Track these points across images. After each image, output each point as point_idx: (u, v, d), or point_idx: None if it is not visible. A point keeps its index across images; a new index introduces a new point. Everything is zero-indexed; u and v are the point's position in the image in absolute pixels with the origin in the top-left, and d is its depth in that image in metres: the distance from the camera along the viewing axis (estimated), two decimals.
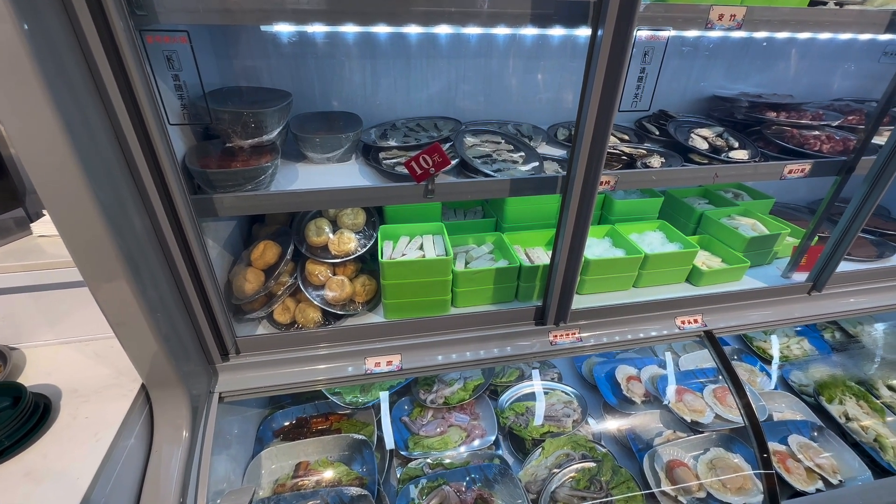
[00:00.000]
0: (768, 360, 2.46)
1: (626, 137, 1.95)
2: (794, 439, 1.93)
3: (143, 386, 1.22)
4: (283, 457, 1.69)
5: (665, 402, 2.06)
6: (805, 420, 2.05)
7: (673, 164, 1.67)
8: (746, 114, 2.00)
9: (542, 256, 1.83)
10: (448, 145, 1.65)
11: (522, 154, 1.68)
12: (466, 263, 1.76)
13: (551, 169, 1.66)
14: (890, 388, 2.24)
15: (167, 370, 1.19)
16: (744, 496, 1.71)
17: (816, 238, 1.88)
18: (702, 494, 1.73)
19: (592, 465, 1.83)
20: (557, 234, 1.45)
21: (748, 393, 1.89)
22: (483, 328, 1.62)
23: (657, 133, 1.96)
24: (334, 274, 1.63)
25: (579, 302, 1.72)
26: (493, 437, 1.92)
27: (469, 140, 1.76)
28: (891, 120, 1.62)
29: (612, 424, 2.07)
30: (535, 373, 2.21)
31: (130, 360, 1.17)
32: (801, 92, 2.24)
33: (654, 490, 1.75)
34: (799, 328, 2.68)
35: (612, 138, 1.91)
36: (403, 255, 1.63)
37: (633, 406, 2.11)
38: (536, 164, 1.63)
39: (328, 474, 1.64)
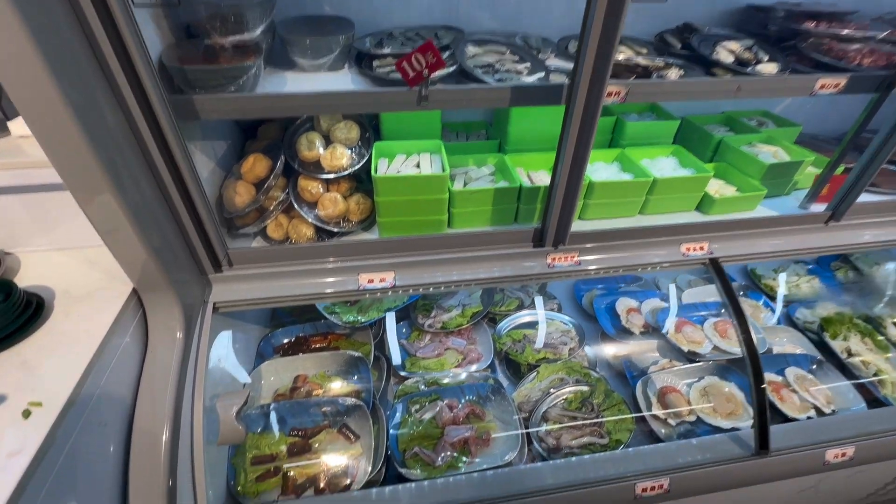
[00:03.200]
0: (775, 298, 2.41)
1: (645, 51, 1.78)
2: (792, 371, 1.93)
3: (134, 290, 1.23)
4: (283, 370, 1.74)
5: (664, 333, 2.05)
6: (805, 354, 2.04)
7: (692, 76, 1.53)
8: (782, 25, 1.80)
9: (545, 180, 1.74)
10: (448, 53, 1.53)
11: (528, 65, 1.55)
12: (465, 184, 1.69)
13: (559, 82, 1.53)
14: None
15: (157, 277, 1.19)
16: (733, 420, 1.74)
17: (842, 167, 1.75)
18: (692, 419, 1.76)
19: (585, 388, 1.86)
20: (559, 150, 1.36)
21: (749, 323, 1.87)
22: (479, 248, 1.58)
23: (680, 47, 1.78)
24: (327, 191, 1.58)
25: (582, 227, 1.66)
26: (489, 361, 1.95)
27: (471, 49, 1.62)
28: None
29: (609, 353, 2.09)
30: (539, 300, 2.20)
31: (121, 266, 1.17)
32: (848, 1, 2.00)
33: (645, 413, 1.78)
34: (811, 266, 2.61)
35: (627, 51, 1.75)
36: (398, 172, 1.57)
37: (631, 337, 2.11)
38: (542, 74, 1.50)
39: (326, 387, 1.69)
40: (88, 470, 1.00)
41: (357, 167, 1.59)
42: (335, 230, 1.58)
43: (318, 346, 1.87)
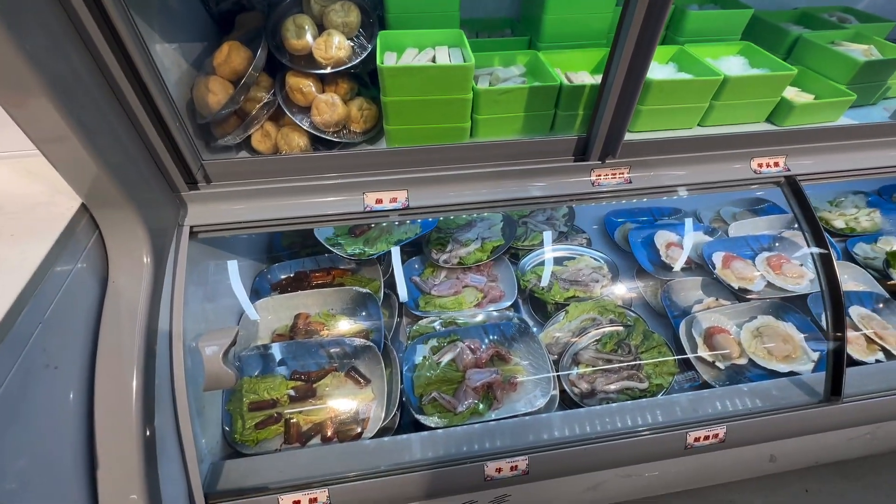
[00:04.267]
0: (832, 233, 2.15)
1: None
2: (856, 310, 1.71)
3: (83, 207, 0.98)
4: (281, 309, 1.54)
5: (711, 269, 1.81)
6: (870, 291, 1.80)
7: None
8: None
9: (587, 82, 1.43)
10: None
11: None
12: (491, 86, 1.38)
13: None
14: None
15: (112, 192, 0.94)
16: (790, 364, 1.54)
17: None
18: (743, 361, 1.56)
19: (621, 329, 1.66)
20: (618, 35, 1.05)
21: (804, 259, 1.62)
22: (509, 162, 1.30)
23: None
24: (323, 92, 1.29)
25: (631, 137, 1.37)
26: (512, 300, 1.74)
27: None
28: None
29: (646, 290, 1.86)
30: (547, 234, 1.94)
31: (67, 182, 0.92)
32: None
33: (690, 355, 1.58)
34: (871, 197, 2.32)
35: None
36: None
37: (671, 273, 1.88)
38: None
39: (330, 326, 1.49)
40: (40, 420, 0.81)
41: (359, 61, 1.28)
42: (334, 139, 1.30)
43: (320, 282, 1.66)
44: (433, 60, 1.30)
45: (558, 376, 1.50)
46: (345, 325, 1.50)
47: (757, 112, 1.48)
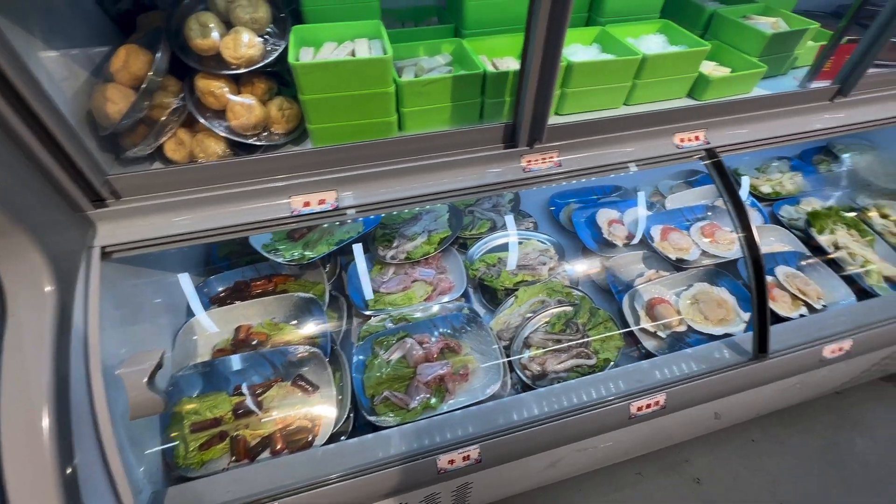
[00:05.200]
0: (759, 197, 2.28)
1: None
2: (781, 270, 1.82)
3: None
4: (220, 322, 1.48)
5: (650, 242, 1.88)
6: (793, 251, 1.93)
7: None
8: None
9: (513, 67, 1.42)
10: None
11: None
12: (417, 76, 1.35)
13: None
14: (883, 215, 2.11)
15: None
16: (725, 327, 1.63)
17: (845, 39, 1.51)
18: (682, 328, 1.64)
19: (569, 308, 1.70)
20: (529, 21, 1.04)
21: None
22: (440, 154, 1.29)
23: None
24: (238, 93, 1.22)
25: (559, 121, 1.39)
26: (462, 290, 1.74)
27: None
28: None
29: (592, 269, 1.91)
30: (510, 219, 1.96)
31: None
32: None
33: (633, 328, 1.64)
34: (794, 161, 2.47)
35: None
36: None
37: (614, 249, 1.94)
38: None
39: (274, 336, 1.45)
40: None
41: (274, 58, 1.22)
42: (255, 143, 1.24)
43: (261, 290, 1.60)
44: (353, 54, 1.26)
45: (509, 361, 1.52)
46: (289, 334, 1.46)
47: (678, 88, 1.53)
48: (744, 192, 2.15)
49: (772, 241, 2.00)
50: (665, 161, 1.41)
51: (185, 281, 1.49)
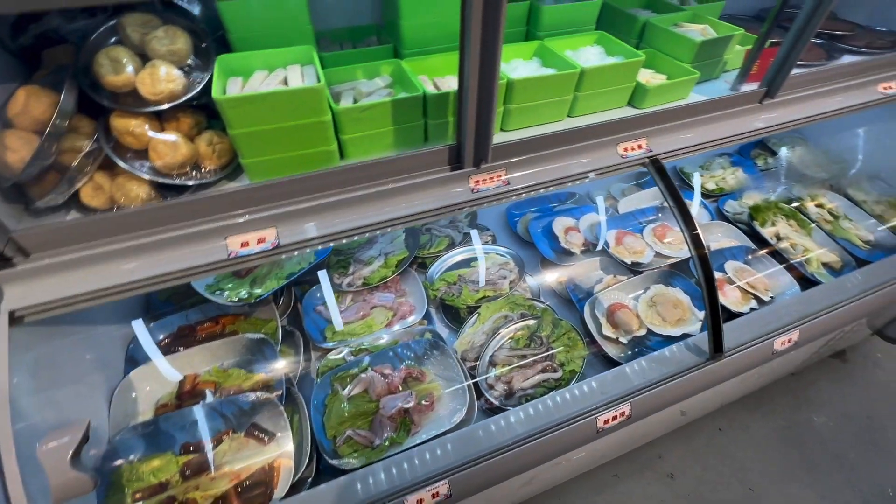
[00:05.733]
0: (705, 195, 2.36)
1: None
2: (731, 265, 1.88)
3: None
4: (163, 374, 1.37)
5: (605, 248, 1.91)
6: (740, 245, 2.00)
7: None
8: None
9: (455, 86, 1.40)
10: None
11: None
12: (356, 102, 1.31)
13: None
14: (818, 205, 2.23)
15: None
16: (682, 327, 1.66)
17: (768, 43, 1.59)
18: (642, 332, 1.66)
19: (532, 322, 1.69)
20: (462, 43, 1.02)
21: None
22: (385, 181, 1.25)
23: None
24: (161, 131, 1.14)
25: (505, 139, 1.38)
26: (423, 313, 1.70)
27: None
28: None
29: (551, 279, 1.92)
30: (474, 233, 1.94)
31: None
32: None
33: (596, 336, 1.65)
34: (734, 157, 2.58)
35: None
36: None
37: (572, 257, 1.95)
38: None
39: (224, 384, 1.35)
40: None
41: (199, 91, 1.15)
42: (185, 182, 1.16)
43: (209, 333, 1.50)
44: (285, 82, 1.21)
45: (475, 383, 1.49)
46: (241, 379, 1.37)
47: (618, 97, 1.56)
48: (696, 197, 2.22)
49: (719, 237, 2.07)
50: (611, 171, 1.43)
51: (120, 333, 1.38)
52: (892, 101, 1.81)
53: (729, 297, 1.74)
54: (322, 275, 1.61)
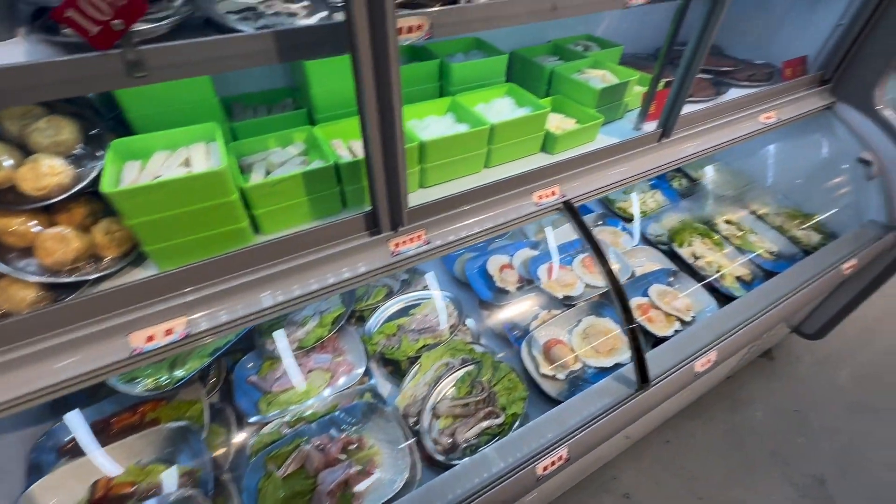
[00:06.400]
0: (629, 219, 2.50)
1: None
2: (654, 289, 1.99)
3: None
4: (71, 481, 1.25)
5: (537, 283, 1.97)
6: (663, 268, 2.13)
7: None
8: None
9: None
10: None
11: (307, 3, 1.18)
12: (268, 173, 1.29)
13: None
14: (727, 221, 2.42)
15: None
16: (615, 357, 1.73)
17: (663, 83, 1.74)
18: (577, 366, 1.72)
19: (472, 368, 1.70)
20: (361, 113, 1.05)
21: (611, 255, 1.85)
22: (303, 254, 1.23)
23: None
24: (50, 225, 1.07)
25: (427, 196, 1.41)
26: (362, 370, 1.67)
27: None
28: None
29: (490, 319, 1.95)
30: (430, 276, 1.94)
31: None
32: None
33: (534, 375, 1.68)
34: (652, 181, 2.76)
35: None
36: (158, 177, 1.11)
37: (508, 296, 1.99)
38: (325, 13, 1.15)
39: (142, 484, 1.25)
40: None
41: (91, 179, 1.09)
42: (88, 277, 1.09)
43: (126, 426, 1.39)
44: (187, 162, 1.18)
45: (418, 441, 1.47)
46: (161, 476, 1.27)
47: (531, 145, 1.64)
48: (636, 231, 2.35)
49: (643, 261, 2.19)
50: (527, 220, 1.49)
51: (22, 436, 1.25)
52: (773, 129, 2.02)
53: (655, 323, 1.83)
54: (281, 335, 1.53)
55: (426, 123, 1.55)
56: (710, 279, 2.07)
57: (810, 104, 2.18)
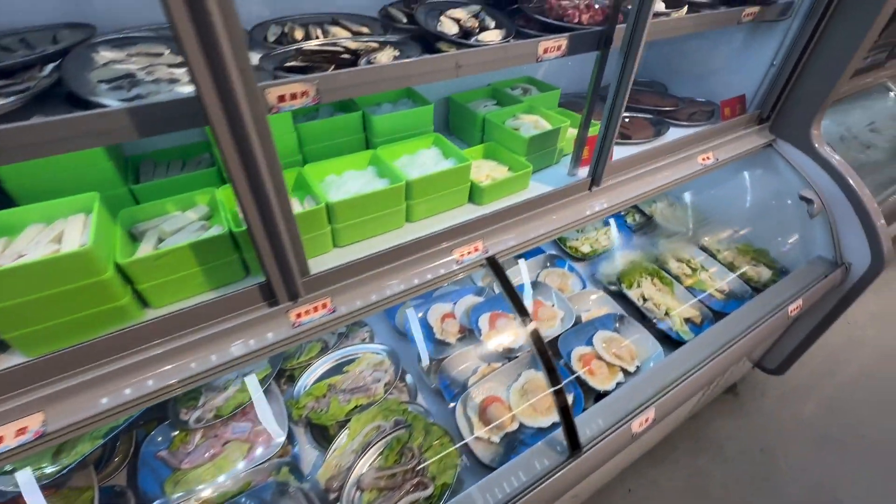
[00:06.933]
0: (582, 258, 2.46)
1: (366, 30, 1.48)
2: (599, 336, 1.93)
3: None
4: None
5: (477, 335, 1.89)
6: (610, 313, 2.07)
7: (411, 56, 1.26)
8: None
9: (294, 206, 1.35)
10: (51, 67, 1.03)
11: None
12: (160, 241, 1.22)
13: None
14: (678, 259, 2.38)
15: None
16: (553, 415, 1.64)
17: (597, 126, 1.72)
18: (514, 427, 1.62)
19: (402, 432, 1.60)
20: (232, 183, 0.97)
21: (556, 301, 1.79)
22: (197, 328, 1.15)
23: (405, 21, 1.52)
24: None
25: (342, 255, 1.34)
26: (282, 439, 1.56)
27: (106, 55, 1.13)
28: None
29: (430, 374, 1.85)
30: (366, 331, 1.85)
31: None
32: None
33: (467, 439, 1.59)
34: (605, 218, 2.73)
35: (344, 32, 1.44)
36: (21, 256, 1.03)
37: (448, 348, 1.91)
38: None
39: None
40: None
41: None
42: None
43: None
44: (59, 238, 1.09)
45: None
46: None
47: (457, 198, 1.58)
48: (585, 274, 2.30)
49: (590, 306, 2.13)
50: (447, 278, 1.42)
51: None
52: (710, 171, 2.00)
53: (596, 376, 1.76)
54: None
55: (344, 179, 1.49)
56: (659, 324, 2.01)
57: (750, 142, 2.18)
